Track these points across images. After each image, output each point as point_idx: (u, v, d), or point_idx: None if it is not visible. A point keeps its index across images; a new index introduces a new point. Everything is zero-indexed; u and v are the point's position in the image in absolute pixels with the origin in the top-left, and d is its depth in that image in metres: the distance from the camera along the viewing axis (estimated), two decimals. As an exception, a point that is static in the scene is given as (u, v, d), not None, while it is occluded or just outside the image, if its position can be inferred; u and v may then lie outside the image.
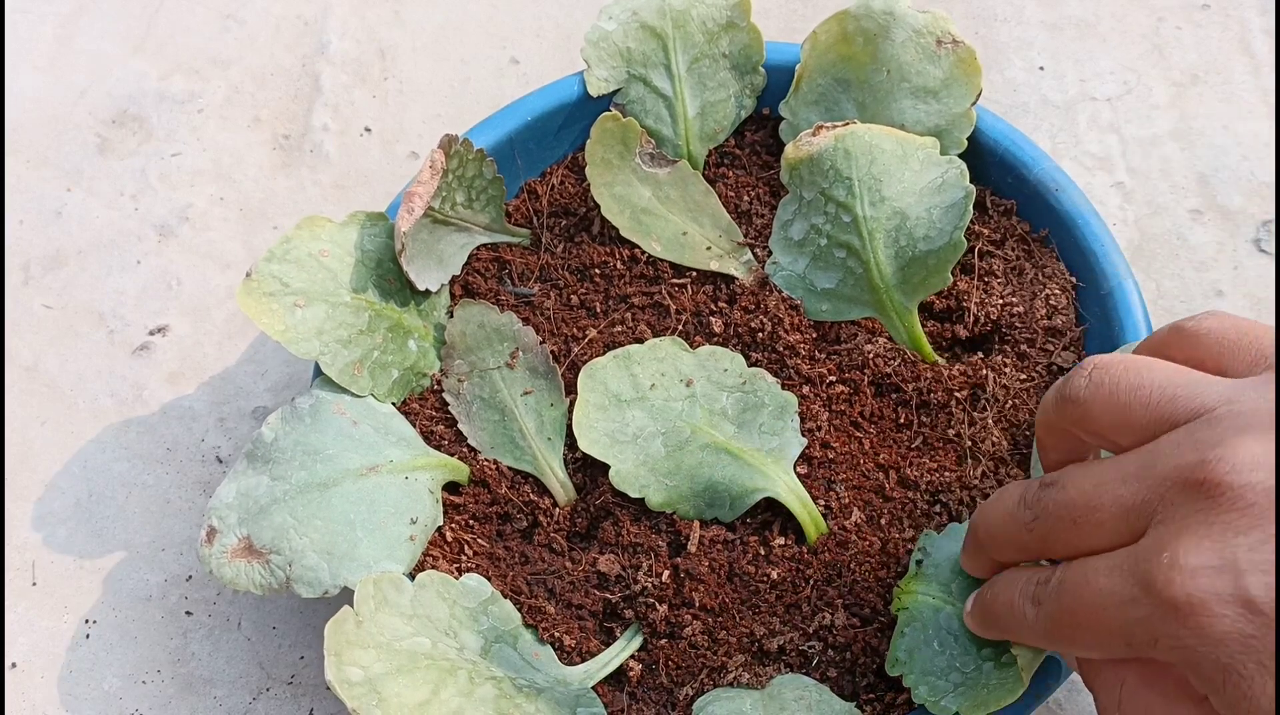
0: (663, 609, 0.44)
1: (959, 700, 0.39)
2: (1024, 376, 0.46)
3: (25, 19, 0.65)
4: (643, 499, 0.45)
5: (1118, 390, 0.33)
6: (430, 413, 0.48)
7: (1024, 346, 0.47)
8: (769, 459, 0.45)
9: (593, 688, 0.43)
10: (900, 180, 0.45)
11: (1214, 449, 0.30)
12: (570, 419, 0.47)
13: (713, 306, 0.49)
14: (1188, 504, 0.30)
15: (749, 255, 0.50)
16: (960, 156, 0.49)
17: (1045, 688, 0.40)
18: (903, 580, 0.43)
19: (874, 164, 0.44)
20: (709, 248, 0.50)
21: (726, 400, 0.46)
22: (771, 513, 0.45)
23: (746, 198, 0.51)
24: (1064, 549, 0.34)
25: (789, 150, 0.45)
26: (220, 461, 0.53)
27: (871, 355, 0.47)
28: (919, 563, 0.43)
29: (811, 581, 0.44)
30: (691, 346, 0.48)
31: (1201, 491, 0.30)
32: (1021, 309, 0.47)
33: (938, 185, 0.44)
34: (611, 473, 0.45)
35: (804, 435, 0.45)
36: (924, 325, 0.48)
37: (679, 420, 0.46)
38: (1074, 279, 0.48)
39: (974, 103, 0.48)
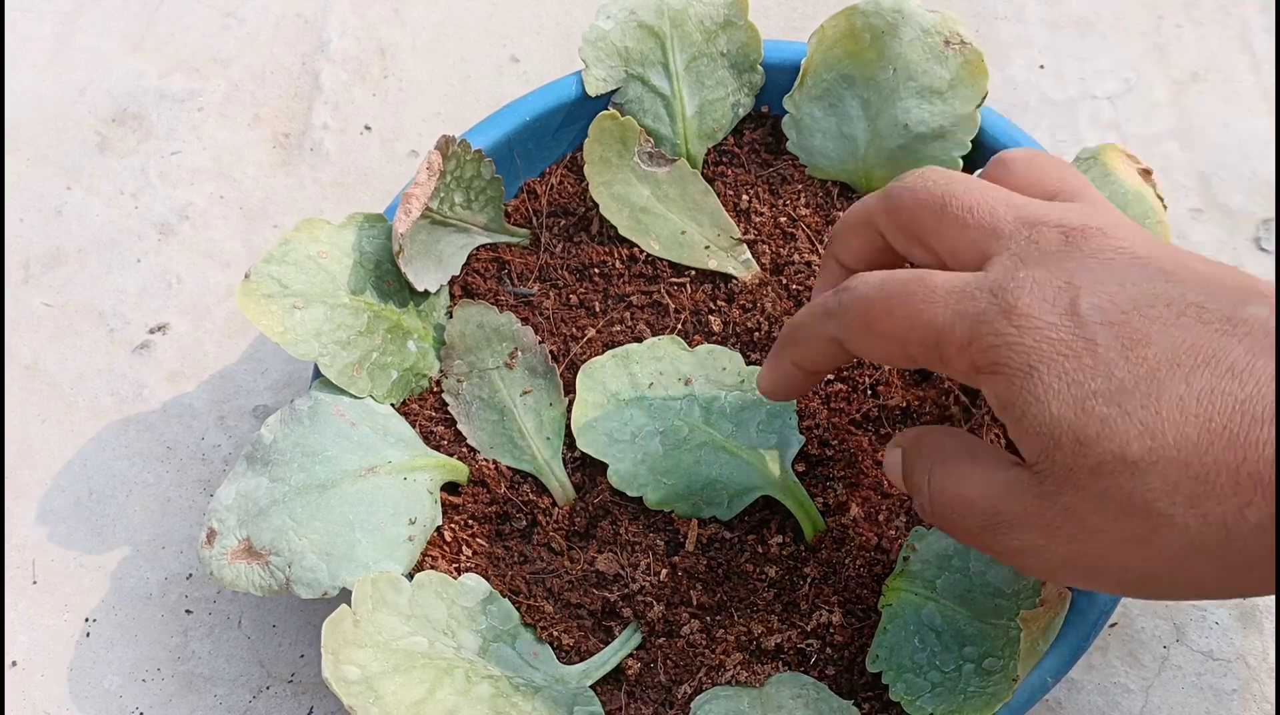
0: (660, 607, 0.44)
1: (935, 702, 0.39)
2: (1022, 376, 0.47)
3: (25, 17, 0.65)
4: (641, 497, 0.45)
5: (945, 189, 0.36)
6: (429, 413, 0.48)
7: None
8: (767, 457, 0.45)
9: (591, 686, 0.43)
10: None
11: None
12: (569, 418, 0.47)
13: (711, 305, 0.49)
14: (1035, 252, 0.33)
15: (747, 254, 0.50)
16: (964, 157, 0.49)
17: (1041, 687, 0.41)
18: (890, 577, 0.43)
19: None
20: (707, 247, 0.50)
21: (725, 398, 0.46)
22: (769, 511, 0.46)
23: (745, 196, 0.51)
24: (875, 330, 0.36)
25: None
26: (221, 460, 0.53)
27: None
28: (906, 559, 0.43)
29: (809, 580, 0.44)
30: (690, 345, 0.48)
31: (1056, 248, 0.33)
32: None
33: None
34: (610, 471, 0.45)
35: (802, 433, 0.46)
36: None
37: (677, 419, 0.46)
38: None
39: (979, 105, 0.48)
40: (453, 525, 0.46)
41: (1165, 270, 0.32)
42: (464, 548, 0.46)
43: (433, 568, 0.45)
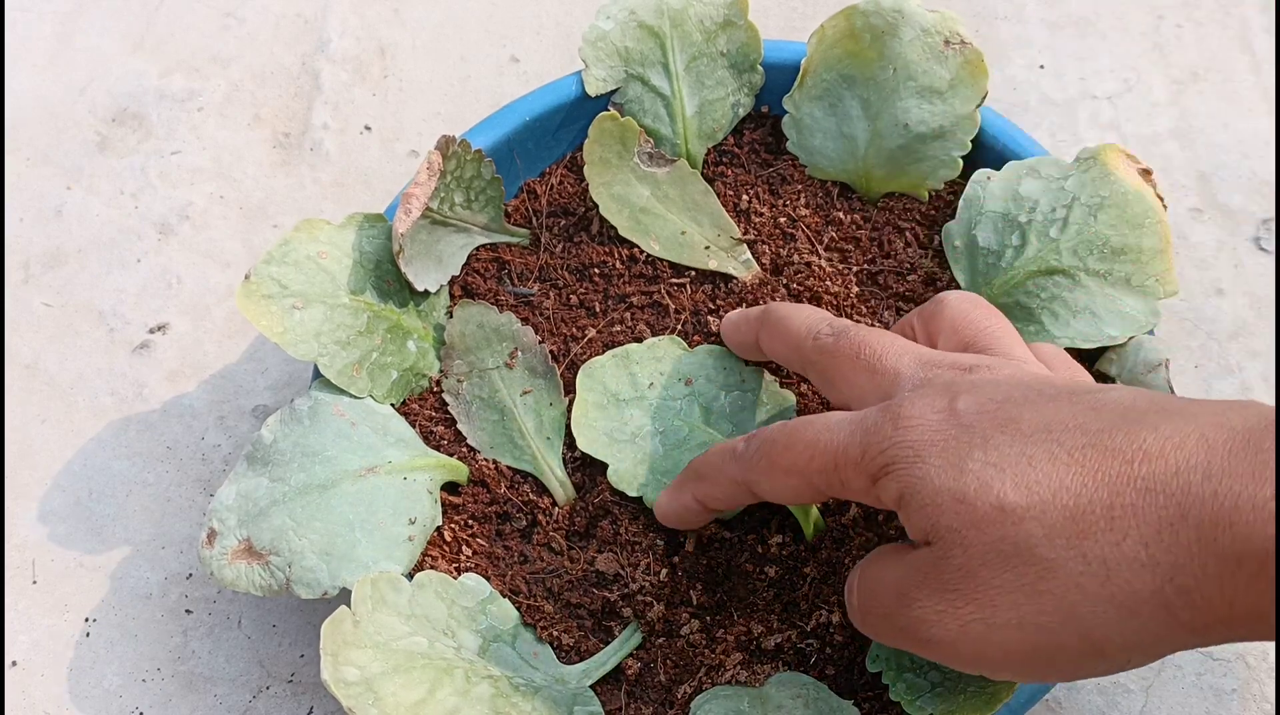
0: (660, 607, 0.44)
1: (935, 702, 0.39)
2: (1022, 376, 0.47)
3: (25, 17, 0.65)
4: (641, 497, 0.45)
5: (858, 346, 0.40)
6: (429, 413, 0.48)
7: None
8: None
9: (591, 686, 0.43)
10: None
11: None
12: (569, 418, 0.47)
13: (711, 305, 0.49)
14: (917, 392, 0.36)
15: (747, 254, 0.50)
16: (964, 157, 0.49)
17: (1042, 687, 0.41)
18: None
19: None
20: (707, 247, 0.50)
21: (725, 399, 0.46)
22: (769, 511, 0.46)
23: (745, 196, 0.51)
24: (777, 466, 0.38)
25: None
26: (221, 460, 0.53)
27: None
28: None
29: (809, 579, 0.44)
30: (690, 346, 0.48)
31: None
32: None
33: None
34: (610, 471, 0.46)
35: None
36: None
37: (677, 419, 0.46)
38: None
39: (979, 105, 0.48)
40: (453, 525, 0.46)
41: (1038, 377, 0.36)
42: (464, 548, 0.46)
43: (433, 568, 0.45)
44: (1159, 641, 0.30)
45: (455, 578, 0.44)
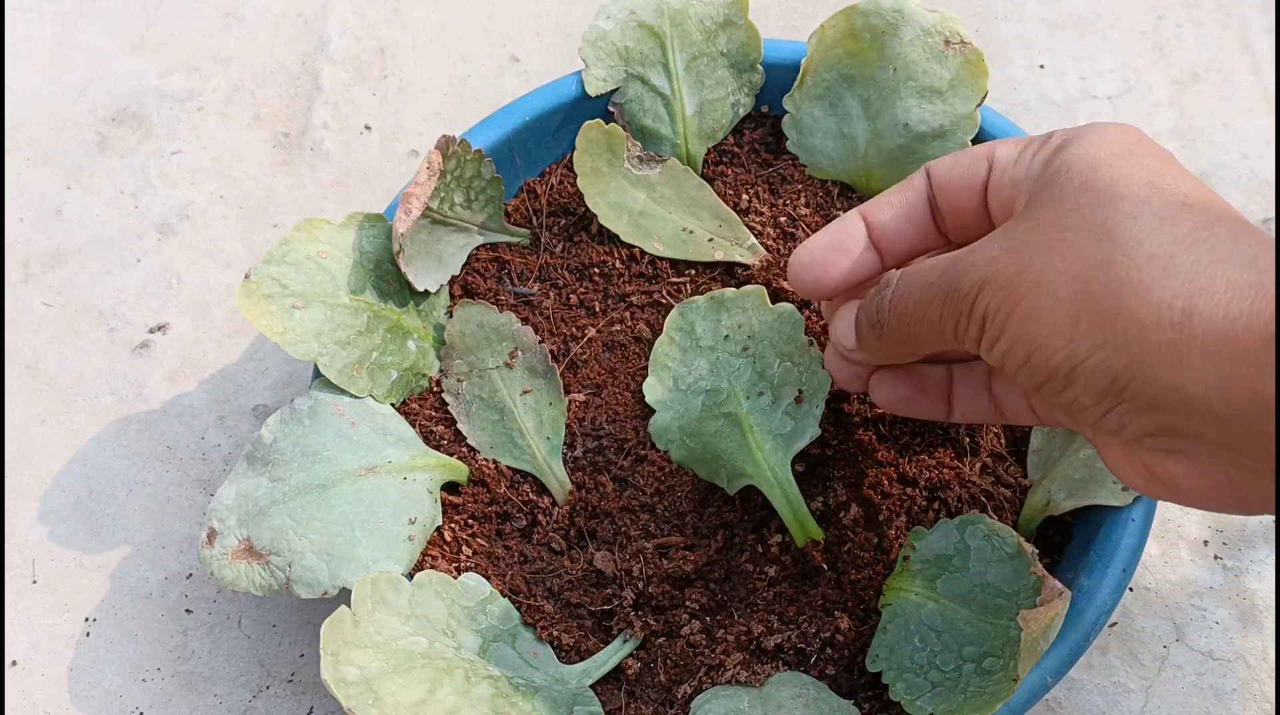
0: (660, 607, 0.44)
1: (935, 701, 0.39)
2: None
3: (25, 17, 0.65)
4: (667, 452, 0.46)
5: None
6: (429, 413, 0.48)
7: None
8: (767, 446, 0.45)
9: (591, 686, 0.43)
10: None
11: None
12: (569, 418, 0.47)
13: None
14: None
15: (752, 239, 0.50)
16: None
17: (1041, 687, 0.41)
18: (890, 576, 0.43)
19: None
20: (711, 239, 0.50)
21: (778, 367, 0.46)
22: (769, 510, 0.45)
23: (745, 196, 0.51)
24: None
25: None
26: (221, 460, 0.53)
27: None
28: (906, 559, 0.43)
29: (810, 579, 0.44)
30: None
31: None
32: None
33: None
34: (652, 421, 0.46)
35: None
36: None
37: (727, 380, 0.46)
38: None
39: (979, 104, 0.48)
40: (453, 525, 0.46)
41: None
42: (464, 547, 0.46)
43: (433, 567, 0.45)
44: (1106, 379, 0.31)
45: (455, 577, 0.44)
